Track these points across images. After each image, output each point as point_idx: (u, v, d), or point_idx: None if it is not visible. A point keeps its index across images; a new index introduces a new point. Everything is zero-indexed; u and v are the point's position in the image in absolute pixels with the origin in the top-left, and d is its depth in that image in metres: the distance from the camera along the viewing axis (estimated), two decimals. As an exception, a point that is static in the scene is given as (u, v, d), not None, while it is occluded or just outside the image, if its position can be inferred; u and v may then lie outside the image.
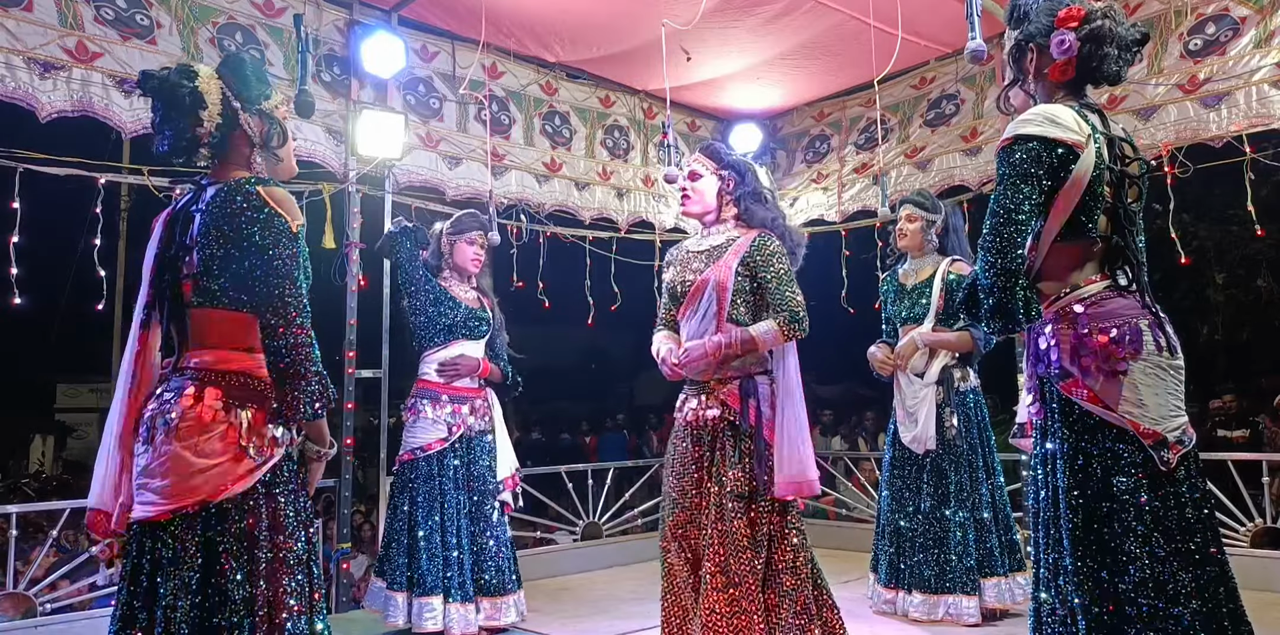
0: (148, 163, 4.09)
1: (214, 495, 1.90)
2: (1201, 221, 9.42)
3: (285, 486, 2.00)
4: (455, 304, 3.82)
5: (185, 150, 2.04)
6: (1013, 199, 1.94)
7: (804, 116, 6.20)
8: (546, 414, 13.12)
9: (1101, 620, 1.86)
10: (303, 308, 1.97)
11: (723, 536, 2.65)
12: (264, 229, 1.95)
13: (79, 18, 3.71)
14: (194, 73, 2.03)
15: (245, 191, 1.98)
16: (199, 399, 1.93)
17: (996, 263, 1.93)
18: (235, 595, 1.88)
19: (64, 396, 15.69)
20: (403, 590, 3.62)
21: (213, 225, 1.97)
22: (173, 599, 1.85)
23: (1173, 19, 4.34)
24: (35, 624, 3.56)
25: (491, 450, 3.89)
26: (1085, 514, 1.91)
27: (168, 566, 1.88)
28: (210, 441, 1.91)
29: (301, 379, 1.93)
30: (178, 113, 2.00)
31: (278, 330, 1.93)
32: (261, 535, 1.93)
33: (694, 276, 2.87)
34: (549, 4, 4.66)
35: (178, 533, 1.89)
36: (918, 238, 4.05)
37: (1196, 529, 1.89)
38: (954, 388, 3.89)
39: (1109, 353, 1.94)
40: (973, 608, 3.70)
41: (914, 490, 3.91)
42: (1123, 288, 2.02)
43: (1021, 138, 1.97)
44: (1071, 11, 2.03)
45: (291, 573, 1.95)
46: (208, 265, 1.97)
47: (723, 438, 2.75)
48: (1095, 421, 1.95)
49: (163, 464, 1.91)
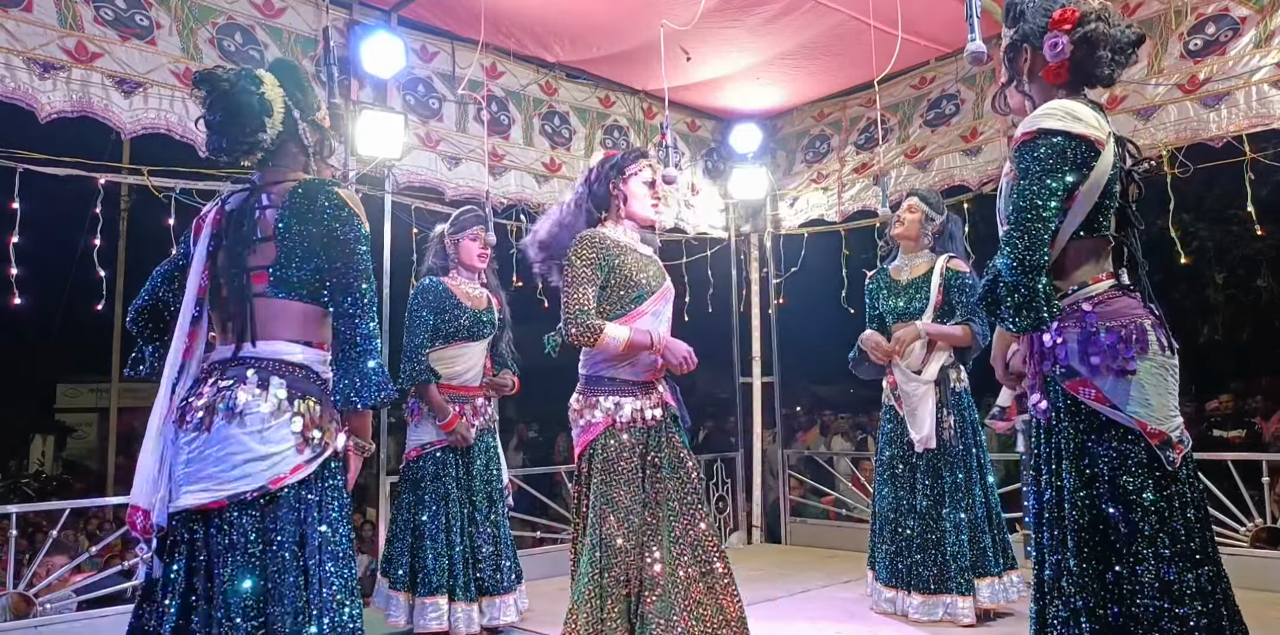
0: (148, 163, 4.09)
1: (274, 482, 1.93)
2: (1201, 221, 9.42)
3: (334, 480, 2.04)
4: (459, 310, 3.82)
5: (244, 153, 2.09)
6: (1039, 194, 1.92)
7: (804, 116, 6.20)
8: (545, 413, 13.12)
9: (1107, 622, 1.86)
10: (375, 303, 2.07)
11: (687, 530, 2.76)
12: (346, 226, 2.04)
13: (79, 18, 3.71)
14: (260, 79, 2.07)
15: (327, 192, 2.06)
16: (264, 387, 1.97)
17: (1025, 259, 1.90)
18: (287, 583, 1.89)
19: (64, 396, 15.66)
20: (404, 590, 3.62)
21: (295, 220, 2.03)
22: (231, 585, 1.86)
23: (1172, 19, 4.34)
24: (35, 624, 3.55)
25: (491, 449, 3.89)
26: (1092, 515, 1.91)
27: (225, 554, 1.89)
28: (275, 429, 1.95)
29: (369, 369, 1.99)
30: (243, 117, 2.04)
31: (355, 319, 2.00)
32: (313, 525, 1.96)
33: (660, 280, 2.94)
34: (549, 4, 4.66)
35: (235, 519, 1.91)
36: (914, 229, 4.04)
37: (1197, 529, 1.89)
38: (950, 388, 3.90)
39: (1117, 352, 1.94)
40: (968, 608, 3.70)
41: (910, 490, 3.91)
42: (1126, 287, 2.01)
43: (1045, 132, 1.95)
44: (1066, 13, 2.02)
45: (337, 562, 1.98)
46: (290, 257, 2.03)
47: (667, 434, 2.84)
48: (1102, 421, 1.94)
49: (221, 449, 1.93)
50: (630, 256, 2.89)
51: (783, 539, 6.23)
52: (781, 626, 3.88)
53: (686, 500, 2.80)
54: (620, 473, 2.76)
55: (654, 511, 2.76)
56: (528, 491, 5.85)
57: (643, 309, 2.86)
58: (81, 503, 4.34)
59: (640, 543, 2.72)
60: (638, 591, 2.69)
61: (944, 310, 3.91)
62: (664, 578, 2.68)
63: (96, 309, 4.26)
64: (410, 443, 3.78)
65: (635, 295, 2.85)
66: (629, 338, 2.75)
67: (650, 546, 2.72)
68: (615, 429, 2.80)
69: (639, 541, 2.72)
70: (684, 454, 2.87)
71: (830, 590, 4.59)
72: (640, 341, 2.76)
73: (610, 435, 2.80)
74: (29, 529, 5.65)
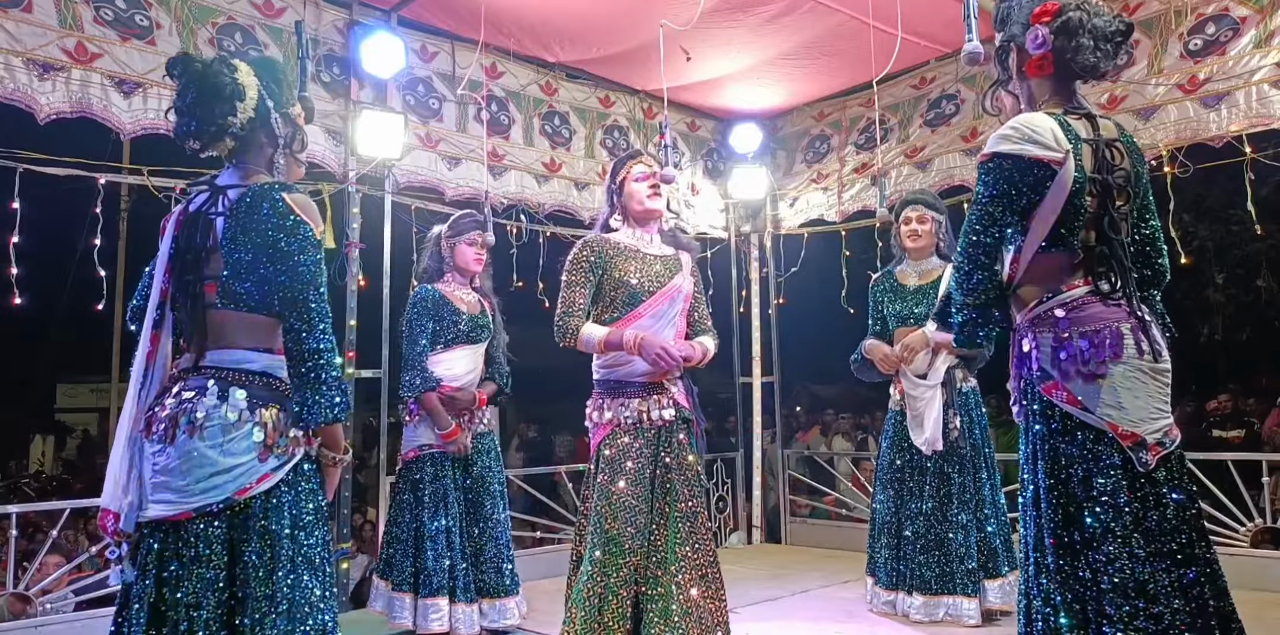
0: (148, 163, 4.10)
1: (239, 493, 1.92)
2: (1201, 221, 9.43)
3: (306, 485, 2.02)
4: (457, 316, 3.82)
5: (210, 137, 2.05)
6: (983, 220, 2.01)
7: (804, 116, 6.20)
8: (545, 414, 13.11)
9: (1084, 617, 1.88)
10: (325, 314, 1.99)
11: (692, 532, 2.76)
12: (290, 236, 1.97)
13: (78, 18, 3.71)
14: (234, 66, 2.05)
15: (272, 199, 2.00)
16: (223, 398, 1.95)
17: (963, 284, 2.03)
18: (258, 593, 1.88)
19: (64, 396, 15.66)
20: (408, 591, 3.62)
21: (239, 230, 1.99)
22: (196, 598, 1.86)
23: (1173, 19, 4.34)
24: (35, 624, 3.55)
25: (492, 451, 3.89)
26: (1065, 514, 1.94)
27: (190, 565, 1.88)
28: (237, 440, 1.93)
29: (321, 384, 1.94)
30: (215, 99, 2.01)
31: (301, 335, 1.95)
32: (283, 533, 1.94)
33: (662, 281, 2.92)
34: (549, 4, 4.66)
35: (201, 531, 1.90)
36: (931, 238, 4.02)
37: (1180, 529, 1.90)
38: (956, 388, 3.89)
39: (1088, 356, 1.96)
40: (973, 609, 3.70)
41: (915, 493, 3.90)
42: (1105, 294, 2.02)
43: (998, 156, 2.01)
44: (1045, 7, 2.06)
45: (312, 569, 1.97)
46: (235, 269, 1.99)
47: (678, 435, 2.85)
48: (1075, 423, 1.97)
49: (185, 462, 1.91)
50: (631, 258, 2.91)
51: (783, 539, 6.23)
52: (781, 626, 3.88)
53: (690, 503, 2.80)
54: (626, 473, 2.77)
55: (660, 513, 2.76)
56: (528, 491, 5.86)
57: (639, 312, 2.86)
58: (81, 502, 4.33)
59: (643, 544, 2.72)
60: (638, 592, 2.70)
61: None
62: (665, 579, 2.68)
63: (96, 309, 4.25)
64: (407, 443, 3.78)
65: (628, 297, 2.86)
66: (602, 337, 2.80)
67: (654, 547, 2.72)
68: (620, 430, 2.82)
69: (642, 542, 2.72)
70: (690, 457, 2.86)
71: (830, 590, 4.59)
72: (613, 341, 2.79)
73: (616, 436, 2.82)
74: (29, 529, 5.65)
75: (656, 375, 2.84)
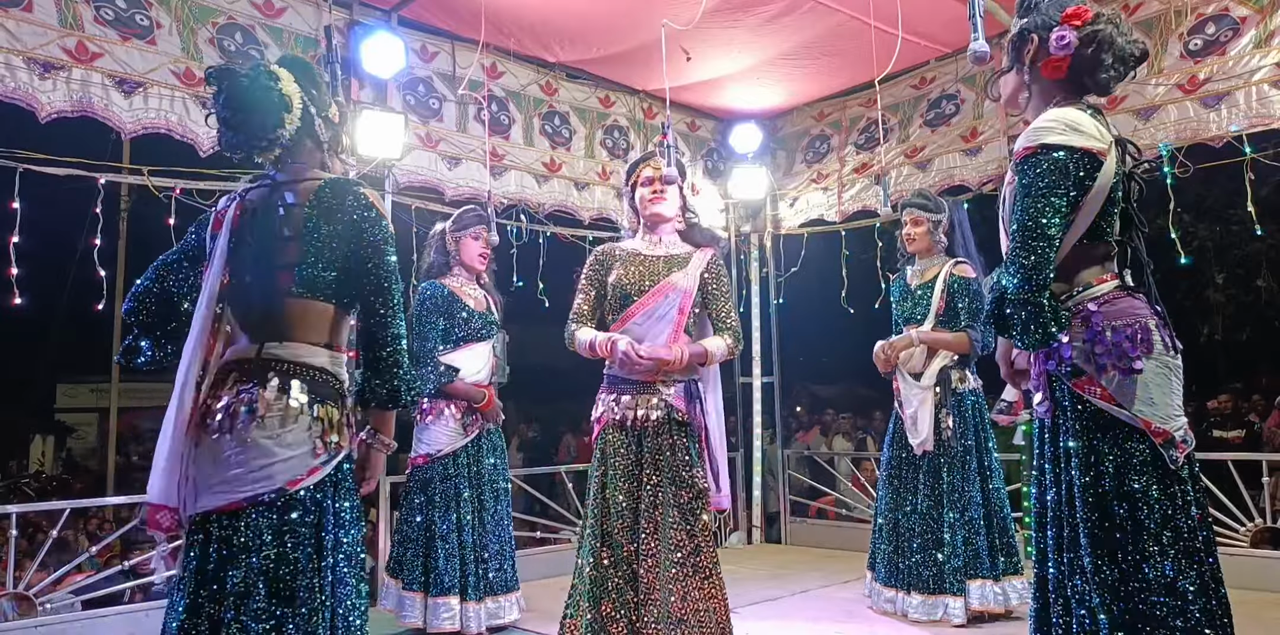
0: (148, 163, 4.09)
1: (291, 484, 1.94)
2: (1201, 221, 9.43)
3: (345, 484, 2.05)
4: (468, 313, 3.81)
5: (262, 149, 2.07)
6: (1043, 212, 1.91)
7: (804, 116, 6.20)
8: (546, 413, 13.12)
9: (1122, 619, 1.87)
10: (402, 303, 2.08)
11: (690, 532, 2.74)
12: (374, 227, 2.05)
13: (79, 18, 3.71)
14: (277, 75, 2.05)
15: (355, 192, 2.06)
16: (284, 390, 1.97)
17: (1031, 278, 1.91)
18: (300, 585, 1.90)
19: (64, 396, 15.64)
20: (419, 591, 3.62)
21: (323, 220, 2.03)
22: (245, 587, 1.87)
23: (1173, 19, 4.34)
24: (35, 624, 3.55)
25: (498, 448, 3.91)
26: (1101, 512, 1.92)
27: (240, 555, 1.89)
28: (294, 432, 1.96)
29: (399, 367, 2.03)
30: (264, 113, 2.02)
31: (386, 321, 2.03)
32: (327, 527, 1.97)
33: (655, 279, 2.92)
34: (549, 4, 4.66)
35: (253, 521, 1.91)
36: (926, 240, 4.03)
37: (1199, 527, 1.90)
38: (951, 389, 3.89)
39: (1124, 351, 1.94)
40: (959, 609, 3.70)
41: (911, 490, 3.91)
42: (1130, 287, 2.02)
43: (1047, 147, 1.94)
44: (1079, 10, 2.03)
45: (351, 564, 1.99)
46: (318, 257, 2.02)
47: (669, 437, 2.83)
48: (1107, 419, 1.95)
49: (241, 452, 1.93)
50: (629, 262, 2.96)
51: (783, 539, 6.23)
52: (781, 626, 3.88)
53: (680, 508, 2.76)
54: (616, 469, 2.80)
55: (650, 516, 2.75)
56: (528, 491, 5.86)
57: (631, 311, 2.91)
58: (81, 502, 4.34)
59: (638, 541, 2.73)
60: (636, 590, 2.70)
61: (948, 315, 3.90)
62: (662, 577, 2.68)
63: (97, 309, 4.25)
64: (419, 447, 3.77)
65: (621, 299, 2.93)
66: (588, 340, 2.90)
67: (649, 546, 2.72)
68: (610, 426, 2.87)
69: (635, 539, 2.73)
70: (685, 459, 2.82)
71: (830, 590, 4.59)
72: (594, 343, 2.88)
73: (607, 432, 2.88)
74: (29, 529, 5.65)
75: (648, 375, 2.84)
